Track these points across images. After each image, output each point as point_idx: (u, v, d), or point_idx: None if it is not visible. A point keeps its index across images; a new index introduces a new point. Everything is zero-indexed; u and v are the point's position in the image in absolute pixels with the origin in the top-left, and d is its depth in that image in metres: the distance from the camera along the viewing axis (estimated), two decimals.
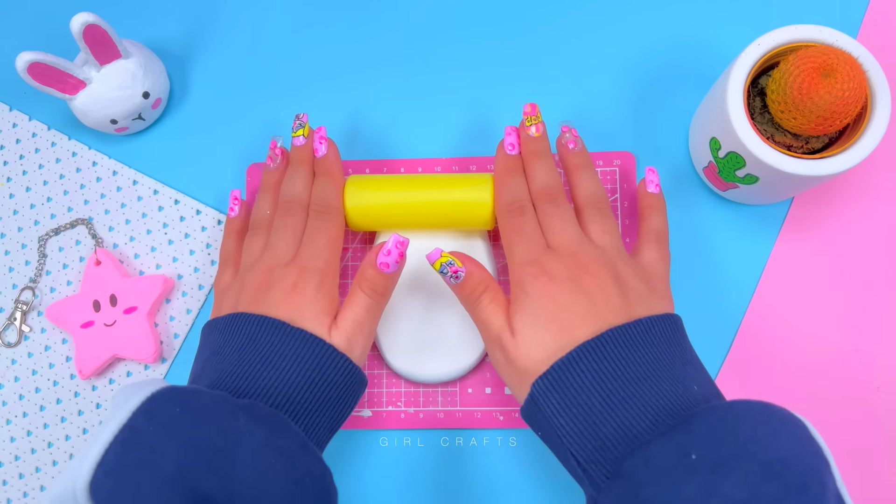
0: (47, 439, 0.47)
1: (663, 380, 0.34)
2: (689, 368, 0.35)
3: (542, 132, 0.42)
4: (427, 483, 0.45)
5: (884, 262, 0.46)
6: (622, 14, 0.50)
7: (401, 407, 0.46)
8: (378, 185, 0.44)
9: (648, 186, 0.43)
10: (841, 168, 0.38)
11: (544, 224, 0.39)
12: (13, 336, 0.49)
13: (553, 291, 0.36)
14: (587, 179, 0.41)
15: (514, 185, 0.41)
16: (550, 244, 0.39)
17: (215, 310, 0.43)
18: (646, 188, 0.43)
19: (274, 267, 0.40)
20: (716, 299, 0.46)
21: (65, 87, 0.45)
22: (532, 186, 0.41)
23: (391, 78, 0.50)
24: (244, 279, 0.41)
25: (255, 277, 0.40)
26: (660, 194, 0.43)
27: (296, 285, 0.39)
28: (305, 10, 0.52)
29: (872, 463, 0.44)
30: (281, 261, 0.40)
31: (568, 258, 0.37)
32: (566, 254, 0.38)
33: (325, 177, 0.43)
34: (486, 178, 0.43)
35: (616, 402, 0.33)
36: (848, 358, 0.45)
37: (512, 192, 0.41)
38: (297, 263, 0.40)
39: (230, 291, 0.41)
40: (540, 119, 0.42)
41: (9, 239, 0.50)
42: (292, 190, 0.43)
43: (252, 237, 0.43)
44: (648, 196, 0.43)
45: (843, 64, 0.36)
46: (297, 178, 0.43)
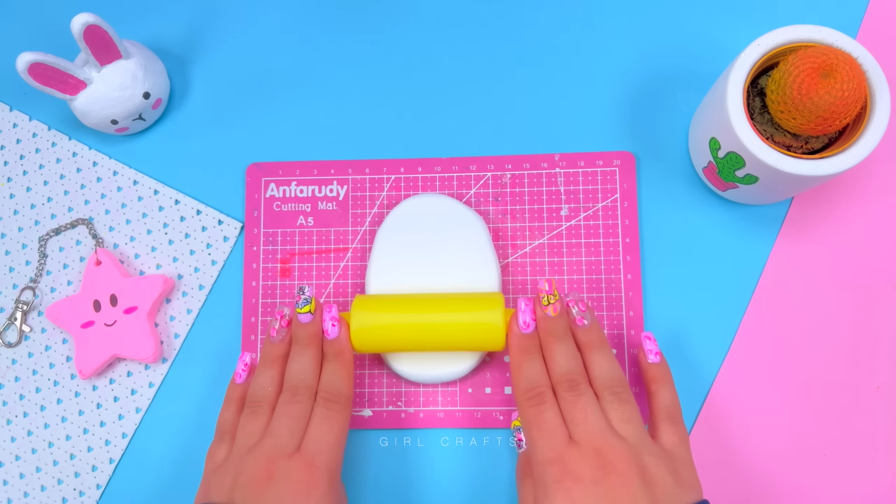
0: (48, 439, 0.48)
1: None
2: None
3: (560, 311, 0.40)
4: (427, 483, 0.45)
5: (883, 262, 0.46)
6: (622, 14, 0.50)
7: (401, 407, 0.46)
8: (385, 306, 0.42)
9: (649, 357, 0.42)
10: (840, 168, 0.38)
11: (566, 414, 0.38)
12: (13, 336, 0.49)
13: (577, 497, 0.35)
14: (602, 360, 0.40)
15: (531, 370, 0.39)
16: (573, 436, 0.37)
17: (203, 490, 0.39)
18: (646, 359, 0.42)
19: (276, 458, 0.37)
20: (715, 299, 0.46)
21: (65, 87, 0.45)
22: (552, 371, 0.39)
23: (391, 77, 0.50)
24: (240, 465, 0.38)
25: (254, 466, 0.37)
26: (662, 363, 0.42)
27: (302, 484, 0.36)
28: (305, 10, 0.52)
29: (872, 463, 0.44)
30: (283, 451, 0.38)
31: (592, 454, 0.36)
32: (590, 449, 0.36)
33: (336, 362, 0.41)
34: (497, 299, 0.42)
35: None
36: (848, 358, 0.45)
37: (530, 377, 0.39)
38: (304, 457, 0.37)
39: (223, 473, 0.38)
40: (558, 297, 0.40)
41: (9, 239, 0.50)
42: (300, 374, 0.40)
43: (250, 416, 0.40)
44: (651, 368, 0.41)
45: (842, 64, 0.36)
46: (304, 360, 0.41)
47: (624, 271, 0.46)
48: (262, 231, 0.48)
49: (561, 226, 0.47)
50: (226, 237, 0.49)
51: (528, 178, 0.48)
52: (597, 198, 0.47)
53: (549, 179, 0.47)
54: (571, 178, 0.47)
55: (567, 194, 0.47)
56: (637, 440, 0.37)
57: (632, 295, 0.46)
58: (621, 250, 0.46)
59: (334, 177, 0.48)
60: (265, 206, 0.48)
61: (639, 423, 0.38)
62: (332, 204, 0.48)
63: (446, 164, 0.48)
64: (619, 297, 0.46)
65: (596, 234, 0.46)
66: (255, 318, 0.47)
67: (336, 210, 0.48)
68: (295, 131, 0.50)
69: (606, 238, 0.46)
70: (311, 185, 0.48)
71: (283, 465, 0.37)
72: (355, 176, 0.48)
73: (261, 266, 0.48)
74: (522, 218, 0.47)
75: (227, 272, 0.48)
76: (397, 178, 0.48)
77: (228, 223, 0.49)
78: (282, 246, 0.48)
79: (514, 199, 0.47)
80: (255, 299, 0.47)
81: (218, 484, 0.38)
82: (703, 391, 0.45)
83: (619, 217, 0.47)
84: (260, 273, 0.48)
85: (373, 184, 0.48)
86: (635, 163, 0.47)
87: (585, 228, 0.47)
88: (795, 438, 0.45)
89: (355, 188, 0.48)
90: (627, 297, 0.46)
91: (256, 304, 0.47)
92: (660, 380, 0.41)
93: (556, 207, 0.47)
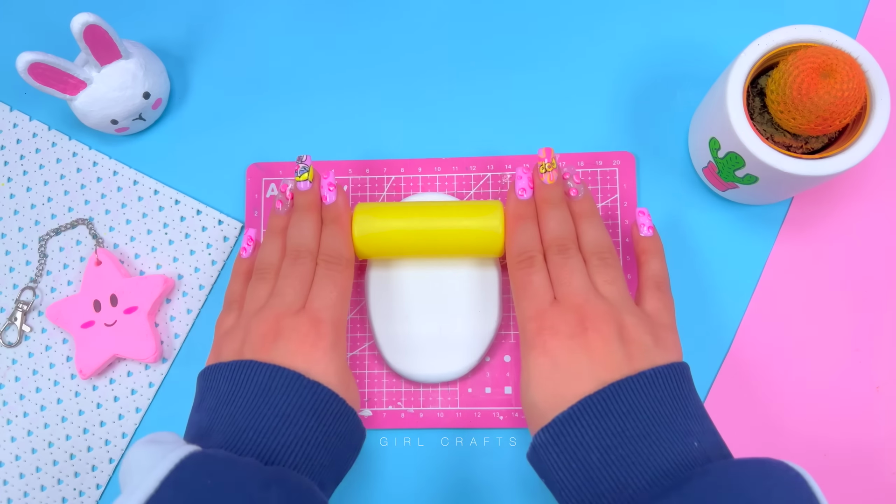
0: (48, 439, 0.48)
1: (663, 437, 0.34)
2: (692, 422, 0.35)
3: (556, 180, 0.41)
4: (427, 483, 0.45)
5: (883, 262, 0.46)
6: (622, 14, 0.50)
7: (401, 407, 0.46)
8: (386, 213, 0.43)
9: (641, 230, 0.43)
10: (840, 168, 0.38)
11: (553, 275, 0.39)
12: (14, 336, 0.49)
13: (552, 349, 0.37)
14: (592, 228, 0.41)
15: (525, 234, 0.41)
16: (557, 296, 0.39)
17: (214, 353, 0.41)
18: (639, 232, 0.43)
19: (283, 315, 0.38)
20: (715, 299, 0.46)
21: (65, 87, 0.45)
22: (544, 235, 0.41)
23: (391, 77, 0.50)
24: (249, 325, 0.39)
25: (262, 324, 0.38)
26: (654, 237, 0.42)
27: (309, 336, 0.38)
28: (306, 10, 0.52)
29: (872, 463, 0.44)
30: (290, 308, 0.39)
31: (572, 312, 0.37)
32: (571, 307, 0.38)
33: (334, 225, 0.42)
34: (496, 205, 0.43)
35: (614, 460, 0.33)
36: (848, 358, 0.45)
37: (523, 241, 0.41)
38: (309, 314, 0.39)
39: (232, 336, 0.40)
40: (556, 165, 0.41)
41: (9, 239, 0.50)
42: (300, 238, 0.41)
43: (257, 282, 0.41)
44: (643, 241, 0.42)
45: (842, 64, 0.36)
46: (304, 225, 0.42)
47: (623, 271, 0.46)
48: (262, 231, 0.48)
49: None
50: (226, 237, 0.49)
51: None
52: (596, 198, 0.47)
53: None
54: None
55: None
56: (619, 301, 0.38)
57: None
58: (621, 250, 0.46)
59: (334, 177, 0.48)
60: (265, 206, 0.48)
61: (622, 285, 0.39)
62: None
63: (446, 164, 0.48)
64: None
65: None
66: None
67: None
68: (295, 131, 0.50)
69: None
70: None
71: (289, 321, 0.38)
72: (355, 176, 0.48)
73: None
74: None
75: (227, 272, 0.48)
76: (397, 178, 0.48)
77: (228, 223, 0.49)
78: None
79: None
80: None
81: (228, 345, 0.39)
82: (703, 391, 0.45)
83: (619, 217, 0.47)
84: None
85: (373, 184, 0.48)
86: (635, 163, 0.47)
87: None
88: (795, 438, 0.45)
89: (356, 188, 0.48)
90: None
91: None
92: (650, 251, 0.42)
93: None
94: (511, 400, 0.45)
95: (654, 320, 0.39)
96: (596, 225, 0.41)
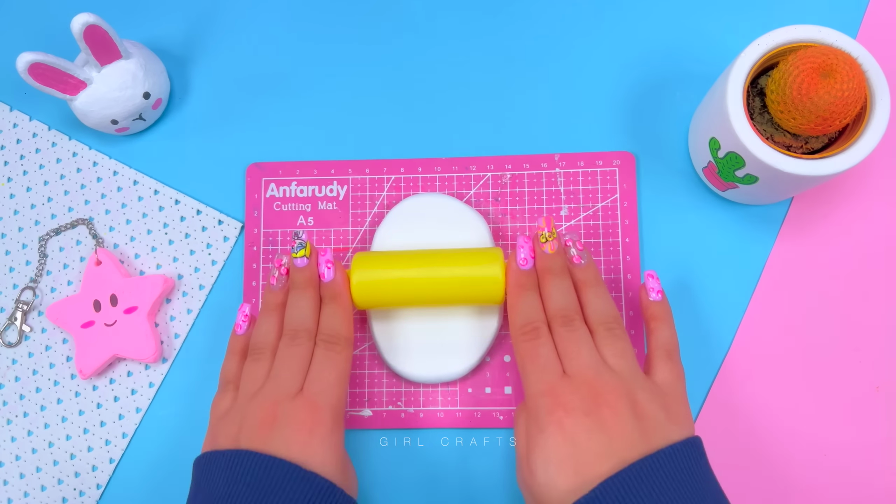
0: (48, 439, 0.48)
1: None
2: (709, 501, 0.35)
3: (557, 249, 0.41)
4: (427, 483, 0.45)
5: (883, 262, 0.46)
6: (622, 14, 0.50)
7: (401, 407, 0.46)
8: (385, 262, 0.42)
9: (650, 294, 0.42)
10: (840, 168, 0.38)
11: (560, 348, 0.38)
12: (14, 336, 0.49)
13: (569, 428, 0.35)
14: (597, 297, 0.40)
15: (527, 305, 0.40)
16: (566, 370, 0.38)
17: (210, 438, 0.40)
18: (648, 297, 0.42)
19: (280, 400, 0.38)
20: (715, 299, 0.46)
21: (65, 87, 0.45)
22: (548, 307, 0.40)
23: (391, 77, 0.50)
24: (245, 410, 0.38)
25: (259, 410, 0.37)
26: (663, 301, 0.42)
27: (306, 423, 0.37)
28: (306, 11, 0.52)
29: (872, 462, 0.44)
30: (287, 393, 0.38)
31: (584, 387, 0.36)
32: (582, 382, 0.37)
33: (333, 304, 0.41)
34: (496, 253, 0.42)
35: None
36: (848, 358, 0.45)
37: (526, 312, 0.40)
38: (307, 398, 0.38)
39: (229, 420, 0.39)
40: (556, 234, 0.41)
41: (9, 239, 0.50)
42: (298, 318, 0.40)
43: (253, 363, 0.41)
44: (652, 305, 0.41)
45: (842, 64, 0.36)
46: (301, 304, 0.41)
47: (624, 271, 0.46)
48: (262, 231, 0.48)
49: (561, 226, 0.47)
50: (226, 237, 0.49)
51: (527, 179, 0.48)
52: (596, 198, 0.47)
53: (548, 179, 0.47)
54: (571, 179, 0.47)
55: (567, 194, 0.47)
56: (629, 374, 0.37)
57: (631, 295, 0.46)
58: (621, 250, 0.46)
59: (334, 177, 0.48)
60: (265, 206, 0.48)
61: (632, 358, 0.38)
62: (332, 204, 0.48)
63: (446, 164, 0.48)
64: (619, 296, 0.46)
65: (596, 234, 0.46)
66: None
67: (336, 210, 0.48)
68: (295, 131, 0.50)
69: (606, 238, 0.46)
70: (312, 185, 0.49)
71: (286, 406, 0.37)
72: (355, 176, 0.48)
73: (261, 266, 0.48)
74: (522, 218, 0.47)
75: (227, 272, 0.48)
76: (397, 178, 0.48)
77: (228, 223, 0.49)
78: (282, 246, 0.48)
79: (514, 200, 0.47)
80: (255, 299, 0.47)
81: (224, 431, 0.38)
82: (703, 391, 0.45)
83: (619, 217, 0.47)
84: (260, 273, 0.48)
85: (373, 184, 0.48)
86: (635, 163, 0.47)
87: (585, 228, 0.47)
88: (795, 438, 0.45)
89: (355, 188, 0.48)
90: (627, 297, 0.46)
91: (257, 304, 0.47)
92: (659, 317, 0.41)
93: (556, 207, 0.47)
94: (511, 400, 0.45)
95: (665, 392, 0.38)
96: (601, 294, 0.40)
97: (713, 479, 0.36)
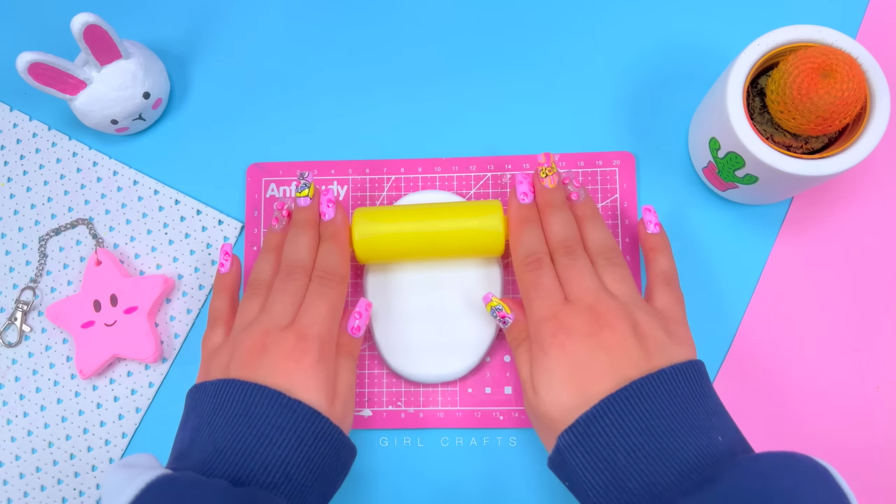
0: (48, 439, 0.48)
1: (687, 432, 0.34)
2: (714, 418, 0.35)
3: (557, 183, 0.42)
4: (427, 483, 0.45)
5: (883, 261, 0.46)
6: (622, 14, 0.50)
7: (401, 407, 0.46)
8: (386, 216, 0.43)
9: (648, 227, 0.43)
10: (840, 168, 0.38)
11: (562, 276, 0.39)
12: (14, 336, 0.49)
13: (571, 348, 0.37)
14: (595, 229, 0.41)
15: (530, 237, 0.41)
16: (568, 296, 0.39)
17: (203, 372, 0.41)
18: (645, 229, 0.43)
19: (270, 330, 0.38)
20: (715, 299, 0.46)
21: (65, 87, 0.45)
22: (549, 238, 0.41)
23: (391, 77, 0.50)
24: (236, 340, 0.39)
25: (249, 340, 0.38)
26: (661, 233, 0.43)
27: (293, 352, 0.37)
28: (306, 10, 0.52)
29: (872, 463, 0.44)
30: (278, 324, 0.39)
31: (586, 311, 0.37)
32: (584, 306, 0.38)
33: (331, 242, 0.42)
34: (496, 205, 0.43)
35: (641, 458, 0.33)
36: (848, 358, 0.45)
37: (528, 244, 0.41)
38: (296, 329, 0.38)
39: (220, 353, 0.39)
40: (555, 170, 0.42)
41: (9, 239, 0.50)
42: (296, 254, 0.41)
43: (249, 298, 0.41)
44: (650, 238, 0.43)
45: (842, 64, 0.36)
46: (300, 241, 0.42)
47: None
48: (262, 231, 0.48)
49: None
50: (226, 237, 0.49)
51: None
52: (596, 198, 0.47)
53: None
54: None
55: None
56: (630, 298, 0.39)
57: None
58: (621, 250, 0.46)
59: (334, 177, 0.48)
60: (265, 207, 0.48)
61: (631, 283, 0.39)
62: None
63: (446, 164, 0.48)
64: None
65: None
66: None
67: None
68: (295, 131, 0.50)
69: None
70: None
71: (275, 336, 0.38)
72: (355, 176, 0.48)
73: None
74: None
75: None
76: (397, 178, 0.48)
77: (228, 223, 0.49)
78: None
79: None
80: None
81: (217, 361, 0.39)
82: None
83: (619, 217, 0.47)
84: None
85: (373, 184, 0.48)
86: (635, 163, 0.47)
87: None
88: (795, 438, 0.45)
89: (355, 188, 0.48)
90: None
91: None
92: (658, 248, 0.42)
93: None
94: (511, 400, 0.45)
95: (665, 316, 0.39)
96: (599, 226, 0.41)
97: (715, 397, 0.37)
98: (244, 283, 0.47)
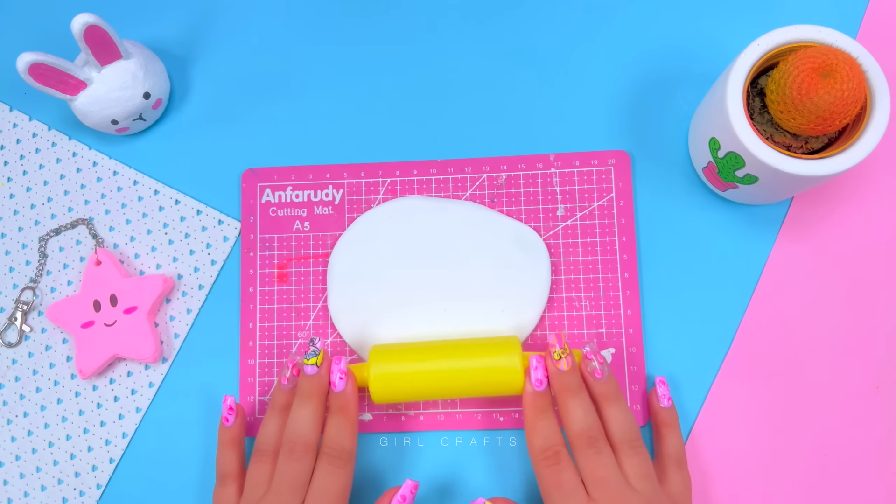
0: (48, 439, 0.48)
1: None
2: None
3: (572, 365, 0.40)
4: (427, 483, 0.45)
5: (883, 261, 0.46)
6: (622, 14, 0.50)
7: (401, 410, 0.46)
8: (403, 355, 0.42)
9: (661, 401, 0.43)
10: (840, 168, 0.38)
11: (584, 470, 0.38)
12: (14, 336, 0.49)
13: None
14: (619, 412, 0.40)
15: (546, 428, 0.40)
16: (592, 495, 0.38)
17: None
18: (658, 402, 0.43)
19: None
20: (715, 299, 0.46)
21: (65, 87, 0.46)
22: (569, 427, 0.39)
23: (386, 80, 0.50)
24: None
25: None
26: (672, 409, 0.43)
27: None
28: (306, 11, 0.52)
29: (872, 463, 0.44)
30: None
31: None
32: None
33: (341, 416, 0.41)
34: (514, 343, 0.42)
35: None
36: (848, 358, 0.45)
37: (545, 436, 0.39)
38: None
39: None
40: (569, 351, 0.40)
41: (9, 239, 0.50)
42: (299, 428, 0.40)
43: (257, 464, 0.41)
44: (662, 412, 0.43)
45: (842, 64, 0.36)
46: (303, 414, 0.40)
47: (621, 270, 0.46)
48: (258, 237, 0.48)
49: (557, 226, 0.47)
50: (226, 237, 0.49)
51: (523, 179, 0.47)
52: (592, 197, 0.47)
53: (544, 180, 0.47)
54: (567, 178, 0.47)
55: (563, 194, 0.47)
56: (651, 493, 0.38)
57: (629, 294, 0.46)
58: (618, 249, 0.46)
59: (330, 181, 0.48)
60: (261, 212, 0.48)
61: (654, 477, 0.39)
62: (328, 208, 0.48)
63: (441, 166, 0.48)
64: (617, 295, 0.46)
65: (592, 233, 0.46)
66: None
67: (332, 214, 0.48)
68: (290, 135, 0.50)
69: (603, 237, 0.46)
70: (307, 189, 0.48)
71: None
72: (351, 180, 0.48)
73: (258, 272, 0.48)
74: (519, 219, 0.47)
75: (227, 272, 0.48)
76: (393, 181, 0.48)
77: (228, 223, 0.49)
78: (278, 251, 0.48)
79: (510, 200, 0.47)
80: (252, 305, 0.47)
81: None
82: (703, 391, 0.45)
83: (616, 216, 0.47)
84: (257, 279, 0.48)
85: (368, 187, 0.48)
86: (630, 161, 0.47)
87: (582, 228, 0.47)
88: (795, 438, 0.44)
89: (351, 192, 0.48)
90: (625, 296, 0.46)
91: (254, 310, 0.47)
92: (669, 424, 0.42)
93: (553, 208, 0.47)
94: (511, 401, 0.45)
95: (678, 501, 0.40)
96: (621, 407, 0.40)
97: None
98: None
